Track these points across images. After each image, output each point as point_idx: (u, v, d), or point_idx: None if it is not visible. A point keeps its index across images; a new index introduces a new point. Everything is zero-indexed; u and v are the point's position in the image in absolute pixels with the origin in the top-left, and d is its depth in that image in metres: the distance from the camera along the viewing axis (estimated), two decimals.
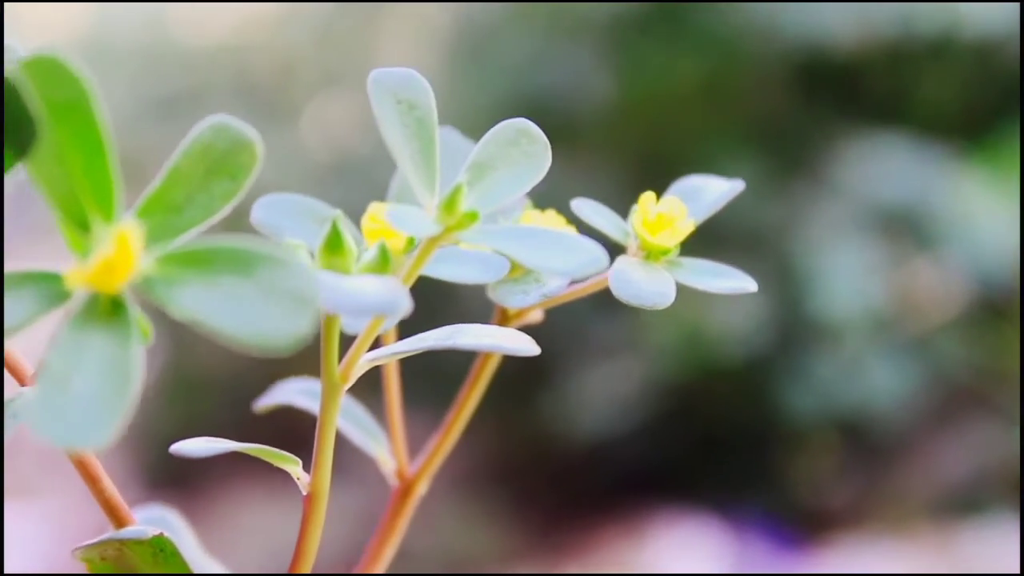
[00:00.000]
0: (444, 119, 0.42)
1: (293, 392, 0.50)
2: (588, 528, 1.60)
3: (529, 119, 0.39)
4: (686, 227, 0.45)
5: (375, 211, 0.42)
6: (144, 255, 0.28)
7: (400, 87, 0.38)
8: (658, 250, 0.45)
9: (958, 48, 1.58)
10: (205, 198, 0.30)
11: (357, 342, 0.39)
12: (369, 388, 0.49)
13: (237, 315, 0.26)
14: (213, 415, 1.69)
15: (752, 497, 1.56)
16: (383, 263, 0.37)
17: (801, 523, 1.53)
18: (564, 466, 1.68)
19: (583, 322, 1.59)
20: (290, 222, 0.45)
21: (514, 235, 0.37)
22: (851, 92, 1.64)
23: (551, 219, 0.46)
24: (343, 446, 0.50)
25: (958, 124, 1.61)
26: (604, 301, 1.64)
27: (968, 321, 1.55)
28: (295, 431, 0.52)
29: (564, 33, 1.71)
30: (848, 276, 1.51)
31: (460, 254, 0.42)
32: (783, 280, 1.55)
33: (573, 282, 0.45)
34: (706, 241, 0.45)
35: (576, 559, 1.55)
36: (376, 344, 0.43)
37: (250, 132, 0.31)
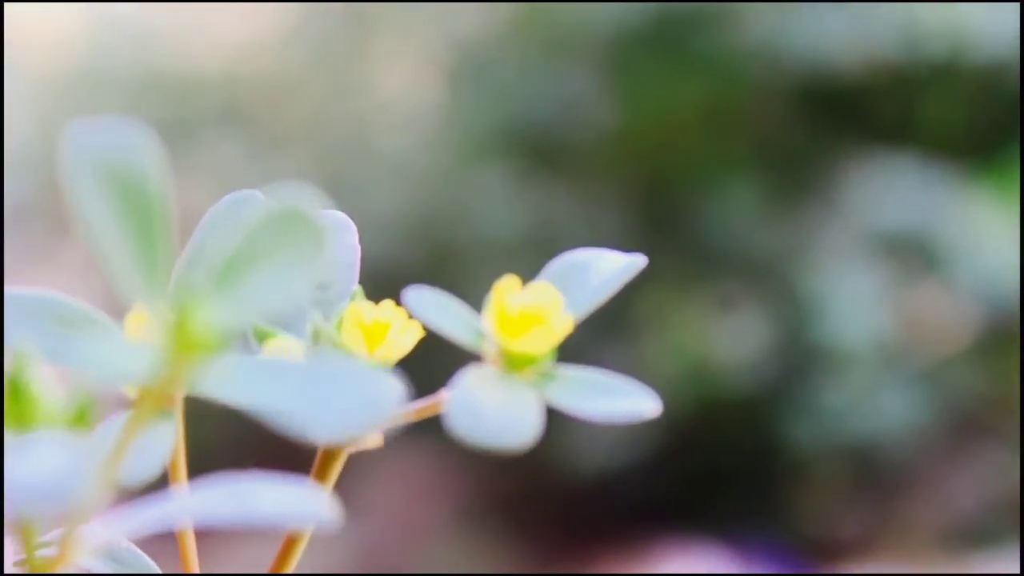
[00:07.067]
0: (443, 144, 0.31)
1: None
2: (592, 560, 1.57)
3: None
4: (562, 324, 0.33)
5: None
6: None
7: (111, 152, 0.26)
8: (522, 359, 0.32)
9: (964, 70, 1.56)
10: None
11: None
12: None
13: None
14: (214, 445, 1.63)
15: (759, 528, 1.53)
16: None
17: (809, 554, 1.50)
18: (568, 498, 1.65)
19: (584, 352, 1.52)
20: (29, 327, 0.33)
21: (270, 376, 0.25)
22: (856, 114, 1.62)
23: (386, 314, 0.34)
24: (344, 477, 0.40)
25: (965, 145, 1.57)
26: (606, 329, 1.58)
27: (977, 348, 1.52)
28: (293, 454, 0.43)
29: (564, 55, 1.68)
30: (855, 302, 1.48)
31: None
32: (788, 307, 1.52)
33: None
34: (708, 268, 0.34)
35: None
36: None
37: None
